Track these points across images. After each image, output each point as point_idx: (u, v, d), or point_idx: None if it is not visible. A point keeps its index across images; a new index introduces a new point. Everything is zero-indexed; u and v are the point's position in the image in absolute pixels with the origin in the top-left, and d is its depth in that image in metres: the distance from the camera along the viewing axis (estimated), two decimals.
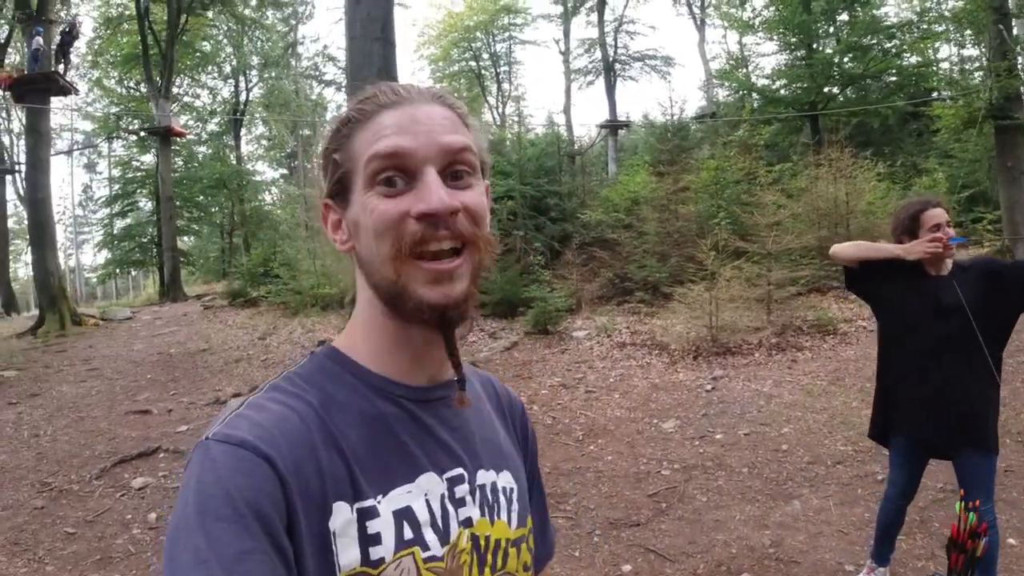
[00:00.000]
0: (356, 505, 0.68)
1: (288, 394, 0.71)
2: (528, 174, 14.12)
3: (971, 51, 17.24)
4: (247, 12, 27.10)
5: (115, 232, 28.88)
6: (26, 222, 25.07)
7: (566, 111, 28.40)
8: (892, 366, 2.82)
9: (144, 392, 8.83)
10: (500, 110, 34.09)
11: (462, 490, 0.77)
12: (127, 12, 23.71)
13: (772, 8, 18.60)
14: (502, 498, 0.81)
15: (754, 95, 19.71)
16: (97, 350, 11.70)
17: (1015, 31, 11.19)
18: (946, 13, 13.36)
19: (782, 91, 18.54)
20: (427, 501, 0.73)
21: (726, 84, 21.92)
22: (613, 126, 24.76)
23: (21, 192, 26.26)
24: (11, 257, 28.46)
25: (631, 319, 9.98)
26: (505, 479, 0.83)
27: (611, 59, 27.46)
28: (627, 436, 5.71)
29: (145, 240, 26.95)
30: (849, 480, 4.62)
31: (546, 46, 43.69)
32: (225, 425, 0.65)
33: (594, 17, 27.94)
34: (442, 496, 0.74)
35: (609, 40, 27.63)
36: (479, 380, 0.92)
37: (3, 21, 20.20)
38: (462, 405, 0.76)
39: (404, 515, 0.70)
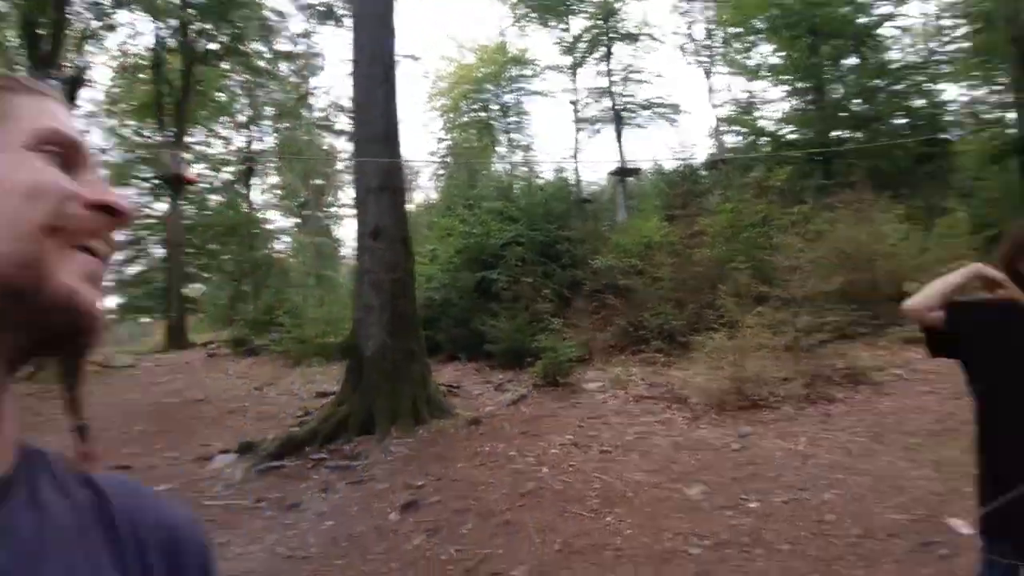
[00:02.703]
0: None
1: None
2: (537, 219, 13.75)
3: (980, 91, 17.00)
4: (261, 64, 27.37)
5: (125, 278, 28.88)
6: None
7: (576, 158, 28.39)
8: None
9: (130, 446, 8.37)
10: (509, 159, 34.14)
11: None
12: (143, 62, 23.99)
13: (780, 53, 18.44)
14: None
15: (763, 139, 19.44)
16: (88, 399, 11.23)
17: None
18: (963, 46, 13.07)
19: (791, 135, 18.35)
20: None
21: (735, 130, 21.84)
22: (622, 173, 24.77)
23: None
24: None
25: (647, 370, 9.41)
26: None
27: (619, 107, 27.58)
28: (648, 504, 5.10)
29: (154, 286, 26.83)
30: (906, 555, 4.01)
31: (555, 96, 44.10)
32: None
33: (603, 67, 28.13)
34: None
35: (617, 88, 27.76)
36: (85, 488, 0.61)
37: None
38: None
39: None
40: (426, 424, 7.58)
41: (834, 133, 17.25)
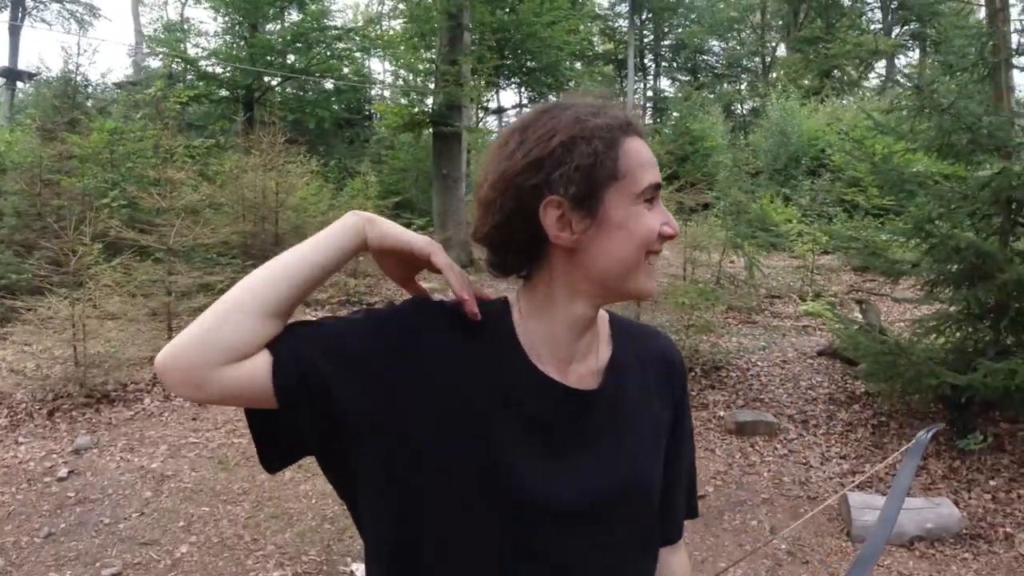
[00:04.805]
0: None
1: None
2: None
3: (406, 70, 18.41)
4: None
5: None
6: None
7: None
8: None
9: None
10: None
11: None
12: None
13: None
14: None
15: (188, 67, 17.16)
16: None
17: (467, 39, 11.44)
18: (401, 8, 13.30)
19: (219, 70, 16.72)
20: None
21: (159, 51, 19.07)
22: (10, 75, 20.61)
23: None
24: None
25: None
26: None
27: None
28: None
29: None
30: None
31: None
32: None
33: None
34: None
35: None
36: None
37: None
38: None
39: None
40: None
41: (265, 80, 16.19)
